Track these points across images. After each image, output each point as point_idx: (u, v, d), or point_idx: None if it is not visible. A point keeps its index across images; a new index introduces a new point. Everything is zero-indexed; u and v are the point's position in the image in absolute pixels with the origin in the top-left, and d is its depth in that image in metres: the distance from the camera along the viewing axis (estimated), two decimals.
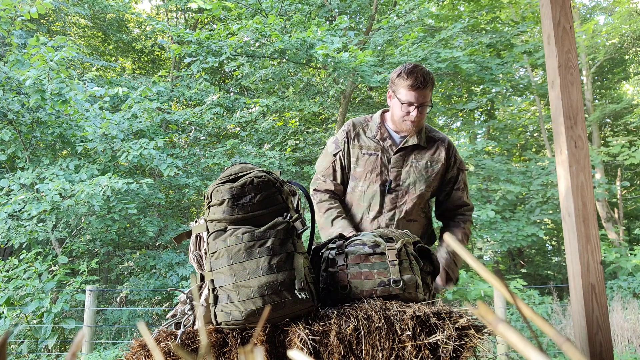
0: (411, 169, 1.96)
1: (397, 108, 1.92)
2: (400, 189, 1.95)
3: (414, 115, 1.88)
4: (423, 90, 1.86)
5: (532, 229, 8.45)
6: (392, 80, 1.95)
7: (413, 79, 1.84)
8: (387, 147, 1.98)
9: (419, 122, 1.92)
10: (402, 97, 1.88)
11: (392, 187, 1.95)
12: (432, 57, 7.89)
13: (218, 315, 1.26)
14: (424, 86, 1.85)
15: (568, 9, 1.88)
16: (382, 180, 1.96)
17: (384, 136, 1.99)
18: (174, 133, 9.23)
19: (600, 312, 1.70)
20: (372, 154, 1.98)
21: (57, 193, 5.81)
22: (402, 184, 1.96)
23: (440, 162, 1.98)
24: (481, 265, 0.42)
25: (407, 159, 1.97)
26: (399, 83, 1.89)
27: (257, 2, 8.38)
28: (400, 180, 1.96)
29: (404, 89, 1.87)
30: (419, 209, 1.99)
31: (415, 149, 1.98)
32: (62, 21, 11.11)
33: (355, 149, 2.00)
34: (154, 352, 1.31)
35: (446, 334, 1.20)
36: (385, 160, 1.97)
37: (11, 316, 5.23)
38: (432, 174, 1.98)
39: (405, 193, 1.96)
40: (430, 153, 1.99)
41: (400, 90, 1.88)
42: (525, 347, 0.35)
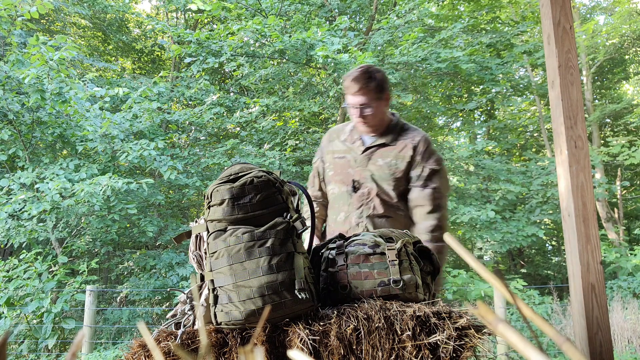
0: (375, 167, 1.98)
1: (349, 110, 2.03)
2: (366, 187, 1.97)
3: (356, 115, 1.97)
4: (358, 92, 1.94)
5: (532, 229, 8.45)
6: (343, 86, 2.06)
7: (349, 81, 1.95)
8: (356, 149, 2.04)
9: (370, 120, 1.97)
10: (347, 101, 2.01)
11: (357, 186, 1.98)
12: (432, 57, 7.89)
13: (218, 315, 1.26)
14: (358, 89, 1.93)
15: (568, 9, 1.88)
16: (350, 181, 2.00)
17: (354, 139, 2.07)
18: (174, 133, 9.23)
19: (600, 312, 1.70)
20: (342, 157, 2.06)
21: (57, 192, 5.80)
22: (366, 181, 1.98)
23: (406, 160, 1.97)
24: (481, 265, 0.42)
25: (372, 157, 2.00)
26: (345, 88, 2.02)
27: (256, 2, 8.38)
28: (365, 178, 1.98)
29: (347, 94, 2.00)
30: (389, 206, 1.97)
31: (382, 148, 2.01)
32: (62, 21, 11.12)
33: (329, 155, 2.11)
34: (154, 352, 1.31)
35: (446, 334, 1.20)
36: (352, 161, 2.02)
37: (11, 316, 5.23)
38: (396, 172, 1.97)
39: (370, 191, 1.97)
40: (397, 151, 1.99)
41: (347, 94, 2.01)
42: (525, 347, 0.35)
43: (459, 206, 8.31)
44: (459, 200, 8.99)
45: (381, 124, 2.04)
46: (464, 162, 9.63)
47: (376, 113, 1.98)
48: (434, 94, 11.66)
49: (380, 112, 2.01)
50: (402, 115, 10.81)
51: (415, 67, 8.56)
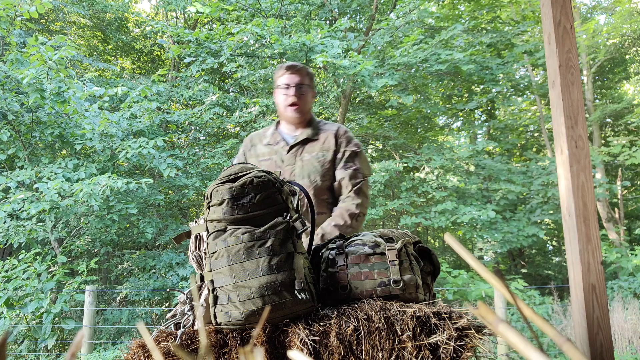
0: (303, 162, 1.99)
1: (278, 96, 2.05)
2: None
3: (292, 93, 1.99)
4: (296, 71, 2.01)
5: (532, 229, 8.45)
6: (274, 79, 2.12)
7: (286, 67, 2.03)
8: (280, 149, 2.04)
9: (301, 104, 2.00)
10: (279, 82, 2.04)
11: None
12: (433, 59, 7.89)
13: (218, 315, 1.26)
14: (295, 69, 2.01)
15: (568, 8, 1.88)
16: None
17: (276, 140, 2.07)
18: (174, 133, 9.22)
19: (601, 312, 1.70)
20: (267, 159, 2.04)
21: (56, 192, 5.80)
22: (296, 177, 1.97)
23: (331, 150, 2.00)
24: (481, 265, 0.42)
25: (298, 154, 2.01)
26: (276, 75, 2.07)
27: (256, 2, 8.37)
28: (295, 176, 1.97)
29: (280, 77, 2.04)
30: (321, 201, 1.98)
31: (306, 144, 2.03)
32: (62, 20, 11.11)
33: (252, 158, 2.09)
34: (153, 353, 1.31)
35: (446, 335, 1.19)
36: (279, 161, 2.02)
37: (10, 316, 5.23)
38: (325, 163, 1.99)
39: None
40: (320, 143, 2.02)
41: (278, 79, 2.05)
42: (525, 348, 0.35)
43: (460, 206, 8.31)
44: (459, 200, 8.98)
45: (307, 115, 2.07)
46: (465, 162, 9.63)
47: (308, 98, 2.04)
48: (434, 94, 11.66)
49: (310, 101, 2.06)
50: (402, 115, 10.81)
51: (415, 67, 8.56)
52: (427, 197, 9.63)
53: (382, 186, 8.95)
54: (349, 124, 10.83)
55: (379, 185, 8.72)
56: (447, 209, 8.27)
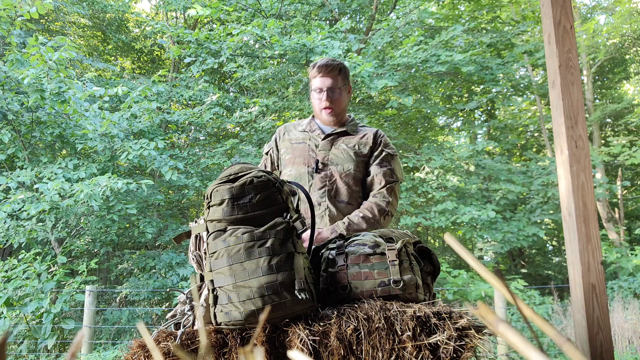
0: (339, 150, 1.99)
1: (313, 98, 2.05)
2: (329, 168, 1.96)
3: (324, 98, 1.98)
4: (328, 72, 1.98)
5: (532, 229, 8.45)
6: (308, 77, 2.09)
7: (318, 67, 2.00)
8: (316, 136, 2.04)
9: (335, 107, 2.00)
10: (313, 86, 2.03)
11: (320, 167, 1.96)
12: (433, 60, 7.90)
13: (218, 315, 1.26)
14: (327, 70, 1.98)
15: (568, 8, 1.88)
16: (310, 161, 1.98)
17: (313, 128, 2.08)
18: (174, 133, 9.22)
19: (601, 312, 1.70)
20: (301, 142, 2.04)
21: (56, 193, 5.80)
22: (330, 163, 1.97)
23: (369, 145, 2.01)
24: (481, 265, 0.42)
25: (335, 143, 2.01)
26: (310, 75, 2.04)
27: (256, 2, 8.37)
28: (328, 160, 1.97)
29: (313, 78, 2.03)
30: (352, 191, 1.96)
31: (344, 135, 2.04)
32: (62, 21, 11.11)
33: (285, 141, 2.09)
34: (153, 353, 1.31)
35: (446, 335, 1.19)
36: (313, 145, 2.02)
37: (10, 316, 5.23)
38: (360, 155, 1.99)
39: (335, 172, 1.96)
40: (358, 137, 2.03)
41: (312, 80, 2.04)
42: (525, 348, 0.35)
43: (460, 206, 8.30)
44: (459, 200, 8.98)
45: (342, 115, 2.06)
46: (464, 162, 9.63)
47: (342, 99, 2.02)
48: (434, 94, 11.66)
49: (344, 101, 2.05)
50: (402, 115, 10.81)
51: (415, 68, 8.56)
52: (427, 197, 9.63)
53: None
54: None
55: None
56: (447, 208, 8.27)
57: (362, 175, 1.99)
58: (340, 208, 1.93)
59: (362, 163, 1.98)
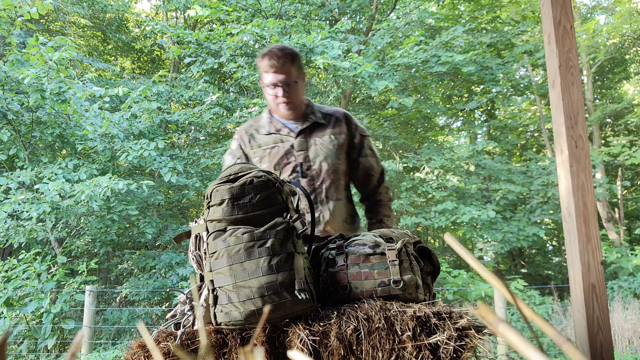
0: (316, 147, 1.89)
1: (267, 93, 1.91)
2: (313, 170, 1.88)
3: (280, 94, 1.85)
4: (280, 66, 1.83)
5: (532, 229, 8.45)
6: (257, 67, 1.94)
7: (268, 59, 1.83)
8: (286, 135, 1.91)
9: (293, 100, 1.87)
10: (265, 81, 1.88)
11: (305, 169, 1.87)
12: (433, 60, 7.90)
13: (218, 315, 1.26)
14: (279, 62, 1.82)
15: (568, 8, 1.88)
16: (293, 167, 1.88)
17: (277, 127, 1.94)
18: (174, 133, 9.22)
19: (601, 312, 1.70)
20: (274, 147, 1.91)
21: (56, 194, 5.80)
22: (312, 164, 1.88)
23: (344, 133, 1.93)
24: (481, 265, 0.42)
25: (309, 139, 1.91)
26: (260, 68, 1.89)
27: (256, 2, 8.37)
28: (310, 161, 1.88)
29: (264, 72, 1.87)
30: (339, 186, 1.91)
31: (315, 128, 1.93)
32: (62, 20, 11.11)
33: (255, 148, 1.94)
34: (153, 353, 1.31)
35: (446, 335, 1.19)
36: (288, 147, 1.89)
37: (10, 316, 5.22)
38: (339, 146, 1.91)
39: (320, 172, 1.88)
40: (330, 127, 1.94)
41: (263, 75, 1.89)
42: (525, 348, 0.35)
43: (460, 206, 8.30)
44: (459, 200, 8.98)
45: (300, 106, 1.94)
46: (465, 162, 9.63)
47: (298, 91, 1.91)
48: (434, 94, 11.66)
49: (301, 90, 1.93)
50: (402, 115, 10.81)
51: (416, 68, 8.56)
52: (427, 197, 9.63)
53: None
54: None
55: None
56: (447, 208, 8.27)
57: (345, 167, 1.95)
58: (333, 207, 1.89)
59: (342, 153, 1.93)
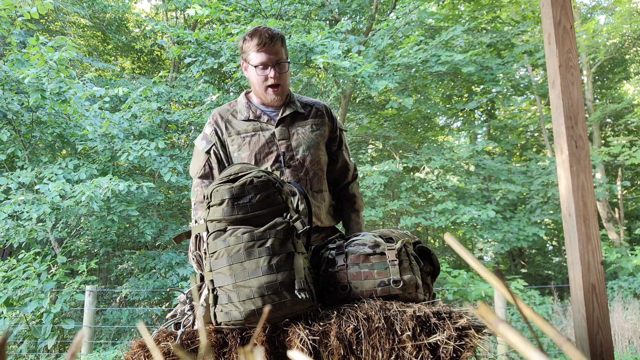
0: (299, 136, 1.79)
1: (254, 75, 1.76)
2: (296, 160, 1.77)
3: (272, 75, 1.73)
4: (272, 46, 1.72)
5: (532, 229, 8.45)
6: (240, 49, 1.80)
7: (258, 38, 1.71)
8: (265, 123, 1.78)
9: (282, 83, 1.76)
10: (253, 61, 1.74)
11: (287, 159, 1.76)
12: (433, 60, 7.90)
13: (218, 315, 1.26)
14: (271, 41, 1.71)
15: (568, 8, 1.88)
16: (275, 157, 1.75)
17: (257, 114, 1.80)
18: (174, 133, 9.22)
19: (601, 312, 1.70)
20: (253, 135, 1.77)
21: (57, 194, 5.80)
22: (295, 154, 1.77)
23: (325, 124, 1.86)
24: (481, 265, 0.42)
25: (291, 128, 1.80)
26: (247, 48, 1.75)
27: (256, 2, 8.37)
28: (293, 151, 1.77)
29: (253, 52, 1.73)
30: (321, 178, 1.83)
31: (296, 117, 1.82)
32: (62, 20, 11.12)
33: (232, 135, 1.78)
34: (153, 353, 1.31)
35: (446, 334, 1.19)
36: (269, 136, 1.77)
37: (10, 316, 5.22)
38: (320, 137, 1.83)
39: (303, 162, 1.77)
40: (311, 117, 1.84)
41: (250, 54, 1.74)
42: (525, 348, 0.35)
43: (460, 206, 8.30)
44: (459, 200, 8.98)
45: (285, 93, 1.82)
46: (465, 162, 9.63)
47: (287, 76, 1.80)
48: (434, 94, 11.66)
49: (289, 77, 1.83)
50: (402, 115, 10.81)
51: (416, 68, 8.56)
52: (427, 197, 9.63)
53: (382, 187, 8.95)
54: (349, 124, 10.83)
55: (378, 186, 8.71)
56: (447, 208, 8.27)
57: (325, 158, 1.88)
58: (317, 198, 1.79)
59: (323, 145, 1.86)
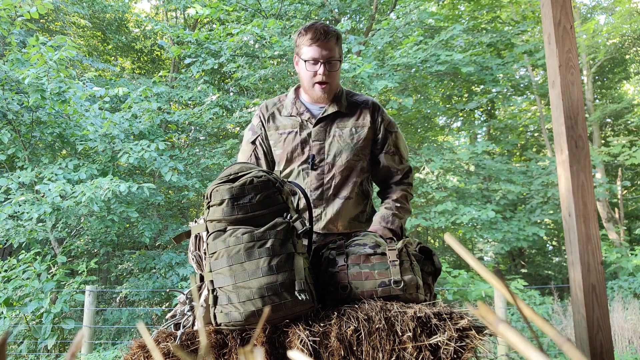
0: (334, 139, 1.74)
1: (303, 70, 1.73)
2: (326, 163, 1.72)
3: (321, 72, 1.69)
4: (326, 42, 1.67)
5: (532, 229, 8.45)
6: (294, 42, 1.77)
7: (312, 32, 1.68)
8: (306, 122, 1.76)
9: (331, 81, 1.73)
10: (305, 55, 1.71)
11: (316, 162, 1.72)
12: (432, 59, 7.90)
13: (218, 316, 1.26)
14: (325, 38, 1.67)
15: (568, 8, 1.87)
16: (305, 158, 1.73)
17: (300, 111, 1.78)
18: (174, 133, 9.22)
19: (601, 312, 1.70)
20: (290, 132, 1.76)
21: (57, 194, 5.80)
22: (326, 157, 1.72)
23: (366, 127, 1.76)
24: (481, 265, 0.42)
25: (329, 129, 1.75)
26: (300, 42, 1.72)
27: (256, 2, 8.37)
28: (325, 154, 1.73)
29: (306, 46, 1.70)
30: (352, 184, 1.75)
31: (337, 117, 1.76)
32: (62, 20, 11.11)
33: (272, 130, 1.79)
34: (153, 353, 1.31)
35: (447, 335, 1.19)
36: (305, 136, 1.74)
37: (10, 316, 5.22)
38: (359, 141, 1.74)
39: (332, 166, 1.72)
40: (354, 119, 1.77)
41: (302, 48, 1.71)
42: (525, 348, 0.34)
43: (459, 206, 8.30)
44: (459, 200, 8.98)
45: (334, 92, 1.78)
46: (465, 162, 9.63)
47: (338, 74, 1.76)
48: (434, 94, 11.66)
49: (339, 76, 1.79)
50: (402, 116, 10.80)
51: (415, 68, 8.56)
52: (427, 198, 9.62)
53: None
54: None
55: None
56: (447, 209, 8.27)
57: (362, 163, 1.79)
58: (339, 205, 1.74)
59: (362, 149, 1.76)
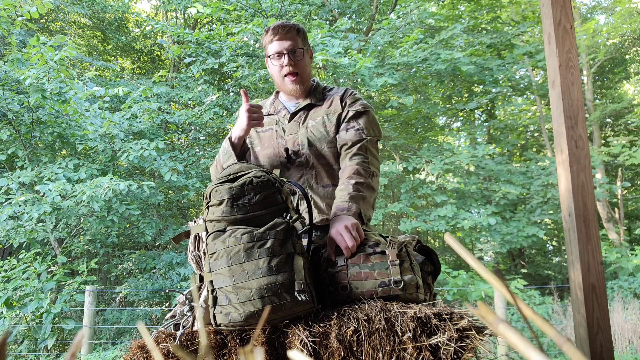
0: (307, 130, 1.76)
1: (271, 66, 1.80)
2: (302, 154, 1.74)
3: (286, 62, 1.74)
4: (285, 34, 1.75)
5: (532, 229, 8.45)
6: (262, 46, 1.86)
7: (272, 30, 1.77)
8: (281, 118, 1.82)
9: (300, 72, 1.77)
10: (270, 52, 1.78)
11: (293, 155, 1.74)
12: (432, 58, 7.90)
13: (217, 316, 1.26)
14: (284, 30, 1.75)
15: (568, 8, 1.87)
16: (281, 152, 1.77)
17: (277, 109, 1.85)
18: (174, 133, 9.23)
19: (601, 312, 1.70)
20: (267, 130, 1.82)
21: (58, 194, 5.80)
22: (302, 148, 1.74)
23: (337, 112, 1.77)
24: (481, 265, 0.42)
25: (302, 122, 1.78)
26: (265, 42, 1.80)
27: (256, 2, 8.37)
28: (300, 145, 1.75)
29: (269, 44, 1.78)
30: (333, 171, 1.76)
31: (310, 109, 1.80)
32: (62, 20, 11.12)
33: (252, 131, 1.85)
34: (153, 353, 1.31)
35: (447, 335, 1.19)
36: (281, 131, 1.80)
37: (10, 316, 5.22)
38: (331, 127, 1.76)
39: (309, 156, 1.74)
40: (325, 107, 1.80)
41: (267, 47, 1.80)
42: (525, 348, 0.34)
43: (460, 211, 8.31)
44: (459, 202, 8.98)
45: (307, 82, 1.83)
46: (465, 163, 9.63)
47: (306, 63, 1.80)
48: (434, 94, 11.66)
49: (309, 65, 1.83)
50: (402, 115, 10.81)
51: (415, 67, 8.56)
52: (427, 199, 9.63)
53: (382, 187, 8.95)
54: None
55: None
56: (447, 215, 8.26)
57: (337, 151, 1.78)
58: (323, 194, 1.73)
59: (335, 137, 1.76)
